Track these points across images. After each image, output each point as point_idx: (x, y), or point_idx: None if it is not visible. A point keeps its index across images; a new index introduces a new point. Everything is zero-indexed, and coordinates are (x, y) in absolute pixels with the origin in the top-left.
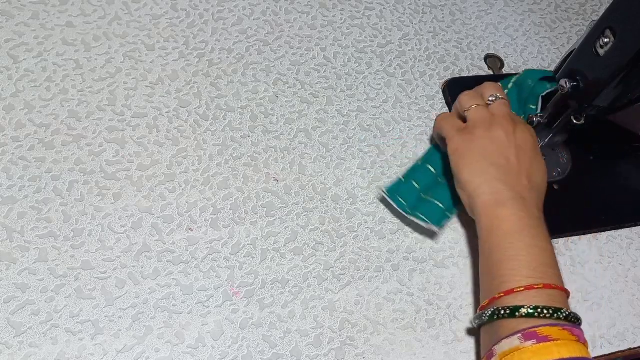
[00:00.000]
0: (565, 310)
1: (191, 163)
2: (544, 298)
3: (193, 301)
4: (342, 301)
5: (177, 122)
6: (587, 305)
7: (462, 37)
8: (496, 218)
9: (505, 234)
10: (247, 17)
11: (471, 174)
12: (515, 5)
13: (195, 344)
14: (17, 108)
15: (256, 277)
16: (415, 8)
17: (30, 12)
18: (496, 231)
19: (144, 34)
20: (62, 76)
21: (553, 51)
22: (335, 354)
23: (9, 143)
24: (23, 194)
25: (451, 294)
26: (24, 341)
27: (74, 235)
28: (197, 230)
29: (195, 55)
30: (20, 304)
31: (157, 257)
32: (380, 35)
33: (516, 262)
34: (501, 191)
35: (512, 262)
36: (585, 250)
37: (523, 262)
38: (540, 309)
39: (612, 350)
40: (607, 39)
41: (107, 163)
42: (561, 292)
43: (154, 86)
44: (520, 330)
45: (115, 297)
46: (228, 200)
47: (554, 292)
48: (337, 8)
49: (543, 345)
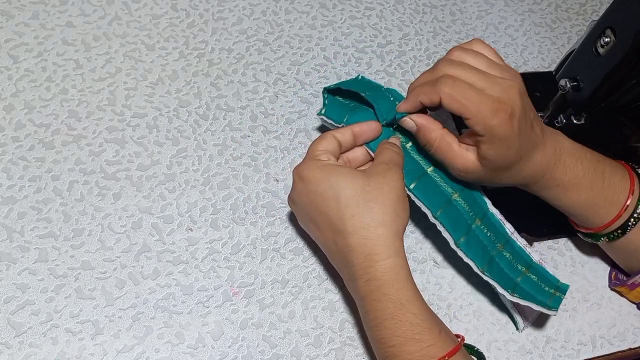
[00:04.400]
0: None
1: (191, 163)
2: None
3: (193, 301)
4: (342, 301)
5: (177, 122)
6: (587, 305)
7: (462, 37)
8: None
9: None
10: (247, 17)
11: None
12: (515, 5)
13: (195, 344)
14: (17, 108)
15: (256, 277)
16: (416, 8)
17: (30, 12)
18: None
19: (144, 33)
20: (62, 76)
21: (553, 51)
22: (335, 354)
23: (9, 143)
24: (23, 194)
25: (451, 294)
26: (24, 341)
27: (74, 235)
28: (197, 230)
29: (195, 55)
30: (20, 304)
31: (157, 257)
32: (380, 35)
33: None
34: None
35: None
36: (585, 250)
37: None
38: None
39: (612, 350)
40: (607, 39)
41: (107, 163)
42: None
43: (154, 86)
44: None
45: (115, 297)
46: (228, 200)
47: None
48: (337, 8)
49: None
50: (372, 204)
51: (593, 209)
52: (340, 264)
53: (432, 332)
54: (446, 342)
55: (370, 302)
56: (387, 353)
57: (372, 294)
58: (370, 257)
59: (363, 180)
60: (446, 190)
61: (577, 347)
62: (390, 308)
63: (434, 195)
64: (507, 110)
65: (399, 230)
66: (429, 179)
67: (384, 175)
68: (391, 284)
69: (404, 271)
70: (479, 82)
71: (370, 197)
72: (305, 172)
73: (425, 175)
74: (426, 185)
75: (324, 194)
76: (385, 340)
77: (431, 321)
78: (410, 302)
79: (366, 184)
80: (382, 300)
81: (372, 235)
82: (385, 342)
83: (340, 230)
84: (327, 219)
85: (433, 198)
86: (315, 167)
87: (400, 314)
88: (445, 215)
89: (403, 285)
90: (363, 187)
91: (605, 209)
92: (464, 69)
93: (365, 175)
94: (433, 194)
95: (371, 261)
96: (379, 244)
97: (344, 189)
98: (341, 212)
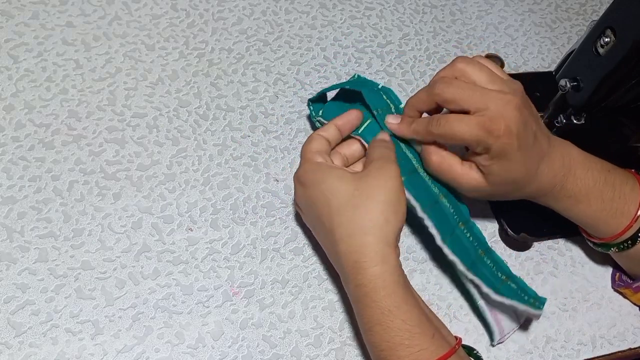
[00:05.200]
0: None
1: (191, 163)
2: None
3: (193, 301)
4: (342, 301)
5: (177, 122)
6: (587, 305)
7: (462, 37)
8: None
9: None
10: (247, 17)
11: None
12: (515, 5)
13: (195, 344)
14: (17, 108)
15: (256, 277)
16: (415, 8)
17: (30, 12)
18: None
19: (144, 33)
20: (62, 76)
21: (553, 51)
22: (335, 354)
23: (9, 143)
24: (23, 194)
25: (451, 294)
26: (24, 341)
27: (74, 235)
28: (197, 230)
29: (195, 55)
30: (20, 304)
31: (157, 257)
32: (380, 35)
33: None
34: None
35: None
36: (585, 250)
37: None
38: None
39: (612, 350)
40: (607, 39)
41: (107, 163)
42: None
43: (154, 86)
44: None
45: (115, 297)
46: (228, 200)
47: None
48: (337, 8)
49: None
50: (359, 211)
51: (603, 219)
52: (336, 266)
53: (424, 336)
54: (439, 346)
55: (361, 307)
56: (380, 356)
57: (362, 299)
58: (357, 264)
59: (352, 185)
60: (433, 191)
61: (577, 347)
62: (378, 314)
63: (422, 192)
64: (501, 129)
65: (389, 236)
66: (418, 177)
67: (375, 175)
68: (378, 291)
69: (393, 277)
70: (473, 105)
71: (358, 203)
72: (303, 176)
73: (415, 172)
74: (416, 182)
75: (317, 199)
76: (376, 344)
77: (424, 326)
78: (399, 309)
79: (355, 189)
80: (371, 307)
81: (359, 243)
82: (377, 346)
83: (330, 236)
84: (321, 224)
85: (421, 195)
86: (310, 170)
87: (387, 320)
88: (433, 212)
89: (392, 292)
90: (352, 192)
91: (616, 220)
92: (460, 89)
93: (355, 179)
94: (422, 191)
95: (359, 268)
96: (366, 252)
97: (335, 194)
98: (331, 218)
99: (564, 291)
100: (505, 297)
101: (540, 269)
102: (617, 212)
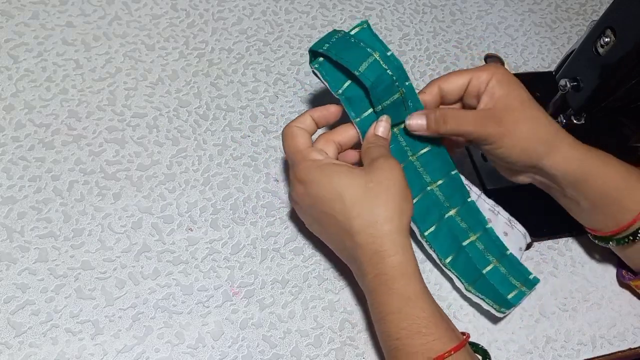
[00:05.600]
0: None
1: (191, 163)
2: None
3: (193, 301)
4: (342, 301)
5: (177, 122)
6: (587, 305)
7: (462, 37)
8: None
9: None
10: (247, 17)
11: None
12: (515, 5)
13: (195, 344)
14: (17, 108)
15: (256, 277)
16: (415, 8)
17: (30, 12)
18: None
19: (144, 33)
20: (62, 76)
21: (553, 51)
22: (335, 354)
23: (9, 143)
24: (23, 194)
25: (451, 294)
26: (24, 341)
27: (74, 235)
28: (197, 230)
29: (195, 55)
30: (20, 304)
31: (157, 257)
32: (380, 35)
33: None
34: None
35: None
36: (586, 250)
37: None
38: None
39: (612, 350)
40: (607, 39)
41: (107, 163)
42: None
43: (154, 86)
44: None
45: (115, 297)
46: (228, 200)
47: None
48: (337, 8)
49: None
50: (377, 201)
51: (610, 207)
52: (349, 260)
53: (439, 327)
54: (452, 338)
55: (378, 296)
56: (392, 346)
57: (379, 287)
58: (378, 253)
59: (364, 178)
60: (425, 179)
61: (577, 347)
62: (397, 302)
63: (410, 183)
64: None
65: (405, 226)
66: (410, 165)
67: (382, 168)
68: (399, 279)
69: (411, 267)
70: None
71: (374, 194)
72: (304, 174)
73: (406, 161)
74: (406, 171)
75: (327, 196)
76: (391, 333)
77: (438, 317)
78: (417, 297)
79: (368, 181)
80: (389, 294)
81: (379, 233)
82: (391, 335)
83: (347, 229)
84: (333, 220)
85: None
86: (313, 168)
87: (407, 307)
88: (416, 205)
89: (411, 281)
90: (365, 184)
91: (621, 214)
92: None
93: (364, 173)
94: (410, 182)
95: (379, 258)
96: (387, 241)
97: (347, 189)
98: (347, 212)
99: (564, 291)
100: (474, 295)
101: (540, 269)
102: (625, 206)
